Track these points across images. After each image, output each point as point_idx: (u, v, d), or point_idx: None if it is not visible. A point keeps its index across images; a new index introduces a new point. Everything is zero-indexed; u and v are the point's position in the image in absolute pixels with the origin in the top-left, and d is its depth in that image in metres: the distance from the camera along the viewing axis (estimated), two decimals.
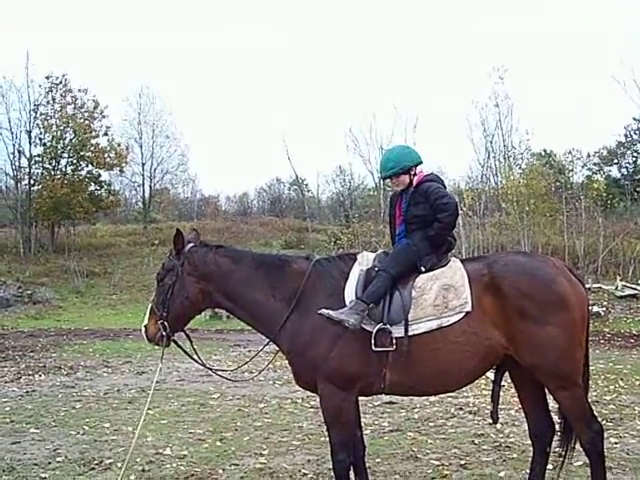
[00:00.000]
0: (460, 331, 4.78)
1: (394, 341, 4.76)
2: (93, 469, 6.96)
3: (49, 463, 7.18)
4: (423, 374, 4.90)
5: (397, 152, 5.54)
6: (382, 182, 35.55)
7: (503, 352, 4.84)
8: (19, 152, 43.71)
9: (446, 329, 4.80)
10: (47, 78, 44.10)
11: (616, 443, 7.23)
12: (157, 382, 5.98)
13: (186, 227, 5.73)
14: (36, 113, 44.11)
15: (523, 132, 41.21)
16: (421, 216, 5.18)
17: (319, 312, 4.80)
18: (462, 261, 5.13)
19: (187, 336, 5.56)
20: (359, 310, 4.76)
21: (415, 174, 5.37)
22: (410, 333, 4.77)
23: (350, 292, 4.92)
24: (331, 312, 4.76)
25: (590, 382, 5.39)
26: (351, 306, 4.78)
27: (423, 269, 5.02)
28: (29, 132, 43.71)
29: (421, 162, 5.44)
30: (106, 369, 14.73)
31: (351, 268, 5.08)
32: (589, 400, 5.07)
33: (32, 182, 44.07)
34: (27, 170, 44.15)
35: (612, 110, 71.69)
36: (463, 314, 4.79)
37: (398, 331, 4.78)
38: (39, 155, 44.50)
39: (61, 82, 44.53)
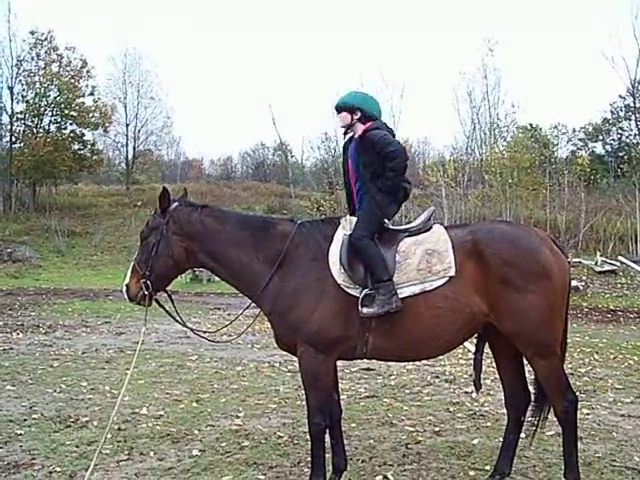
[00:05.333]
0: (443, 296, 4.79)
1: None
2: (69, 427, 6.96)
3: (25, 420, 7.17)
4: (405, 339, 4.90)
5: (351, 92, 5.56)
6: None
7: (484, 319, 4.86)
8: (0, 108, 43.13)
9: (429, 294, 4.80)
10: (32, 33, 43.38)
11: (588, 414, 7.32)
12: (138, 343, 5.96)
13: (170, 190, 5.68)
14: (19, 69, 43.46)
15: (509, 105, 41.32)
16: (369, 165, 5.17)
17: (362, 314, 4.76)
18: (445, 227, 5.12)
19: (169, 296, 5.52)
20: (389, 291, 4.73)
21: (361, 120, 5.34)
22: None
23: (334, 256, 4.91)
24: (372, 309, 4.70)
25: (566, 354, 5.44)
26: (382, 293, 4.71)
27: (387, 221, 5.04)
28: (11, 88, 43.11)
29: (370, 111, 5.36)
30: (85, 329, 14.72)
31: (335, 232, 5.06)
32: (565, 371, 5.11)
33: (13, 139, 43.52)
34: (8, 127, 43.59)
35: (599, 86, 71.89)
36: (446, 279, 4.79)
37: None
38: (21, 112, 43.92)
39: (46, 39, 43.85)
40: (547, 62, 73.86)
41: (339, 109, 5.42)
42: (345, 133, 5.55)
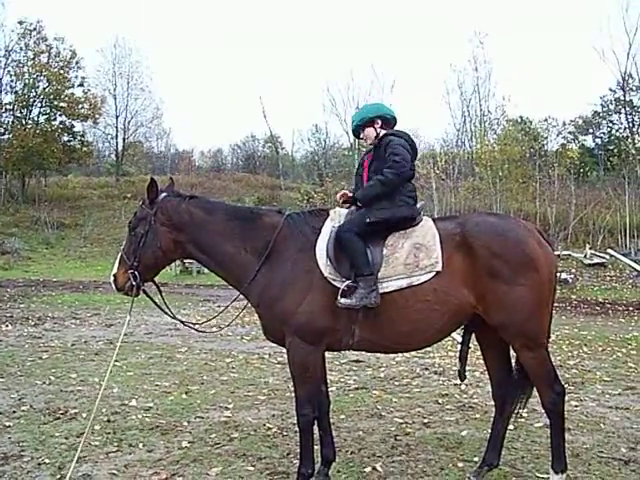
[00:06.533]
0: (430, 290, 4.79)
1: None
2: (58, 419, 6.96)
3: (14, 412, 7.16)
4: (392, 331, 4.91)
5: (362, 108, 5.59)
6: (357, 142, 35.45)
7: (472, 311, 4.86)
8: None
9: (416, 288, 4.79)
10: (20, 23, 43.21)
11: (576, 406, 7.35)
12: (125, 334, 5.95)
13: (159, 181, 5.70)
14: (7, 59, 43.26)
15: (500, 97, 41.41)
16: (379, 170, 5.16)
17: (338, 304, 4.73)
18: (434, 220, 5.12)
19: (157, 287, 5.51)
20: (369, 286, 4.73)
21: (383, 127, 5.35)
22: (380, 291, 4.77)
23: (321, 248, 4.90)
24: (350, 301, 4.70)
25: (555, 347, 5.46)
26: (362, 287, 4.71)
27: (367, 220, 4.97)
28: None
29: (388, 115, 5.39)
30: (74, 321, 14.72)
31: (323, 224, 5.06)
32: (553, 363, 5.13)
33: (2, 131, 43.34)
34: None
35: (590, 79, 72.04)
36: (433, 273, 4.78)
37: None
38: (10, 103, 43.74)
39: (35, 29, 43.66)
40: (538, 55, 73.94)
41: (361, 128, 5.39)
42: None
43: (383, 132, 5.32)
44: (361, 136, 5.46)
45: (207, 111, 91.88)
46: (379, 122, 5.34)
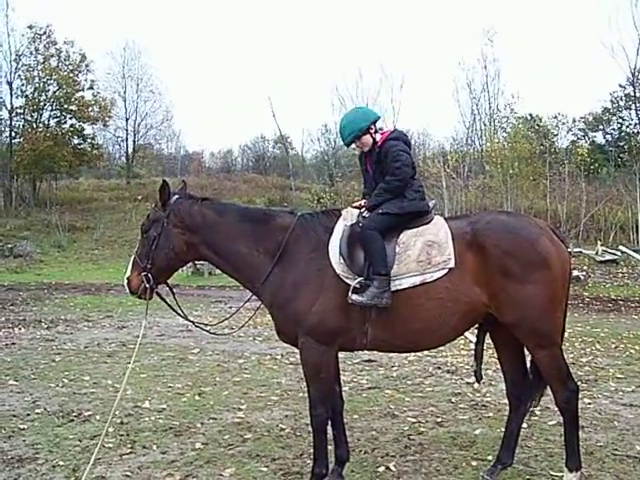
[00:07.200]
0: (443, 287, 4.79)
1: None
2: (72, 421, 6.99)
3: (28, 414, 7.20)
4: (405, 330, 4.91)
5: (351, 117, 5.46)
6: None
7: (484, 310, 4.86)
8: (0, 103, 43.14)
9: (429, 285, 4.80)
10: (30, 28, 43.31)
11: (590, 403, 7.33)
12: (138, 337, 5.97)
13: (170, 183, 5.71)
14: (18, 64, 43.41)
15: (509, 95, 41.34)
16: (385, 174, 5.17)
17: (349, 300, 4.76)
18: (446, 219, 5.12)
19: (170, 289, 5.52)
20: (383, 286, 4.74)
21: (377, 131, 5.36)
22: (393, 289, 4.77)
23: (334, 245, 4.91)
24: (361, 298, 4.71)
25: (568, 344, 5.43)
26: (376, 286, 4.73)
27: (380, 211, 4.99)
28: (10, 83, 43.07)
29: (378, 117, 5.42)
30: (86, 323, 14.74)
31: (335, 223, 5.06)
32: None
33: (13, 134, 43.52)
34: (8, 122, 43.58)
35: (599, 75, 71.68)
36: (446, 270, 4.79)
37: None
38: (20, 107, 43.91)
39: (45, 33, 43.79)
40: (547, 52, 73.55)
41: (359, 137, 5.33)
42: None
43: (379, 136, 5.33)
44: (357, 145, 5.40)
45: (216, 112, 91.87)
46: (373, 127, 5.35)
